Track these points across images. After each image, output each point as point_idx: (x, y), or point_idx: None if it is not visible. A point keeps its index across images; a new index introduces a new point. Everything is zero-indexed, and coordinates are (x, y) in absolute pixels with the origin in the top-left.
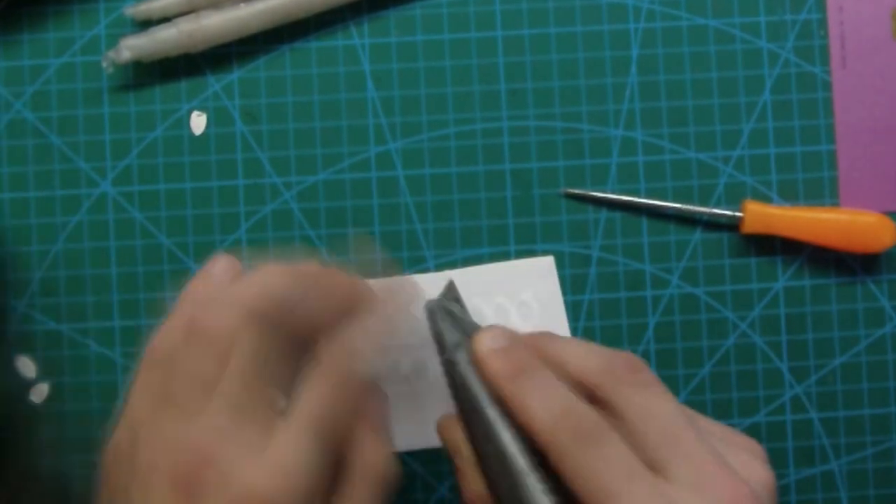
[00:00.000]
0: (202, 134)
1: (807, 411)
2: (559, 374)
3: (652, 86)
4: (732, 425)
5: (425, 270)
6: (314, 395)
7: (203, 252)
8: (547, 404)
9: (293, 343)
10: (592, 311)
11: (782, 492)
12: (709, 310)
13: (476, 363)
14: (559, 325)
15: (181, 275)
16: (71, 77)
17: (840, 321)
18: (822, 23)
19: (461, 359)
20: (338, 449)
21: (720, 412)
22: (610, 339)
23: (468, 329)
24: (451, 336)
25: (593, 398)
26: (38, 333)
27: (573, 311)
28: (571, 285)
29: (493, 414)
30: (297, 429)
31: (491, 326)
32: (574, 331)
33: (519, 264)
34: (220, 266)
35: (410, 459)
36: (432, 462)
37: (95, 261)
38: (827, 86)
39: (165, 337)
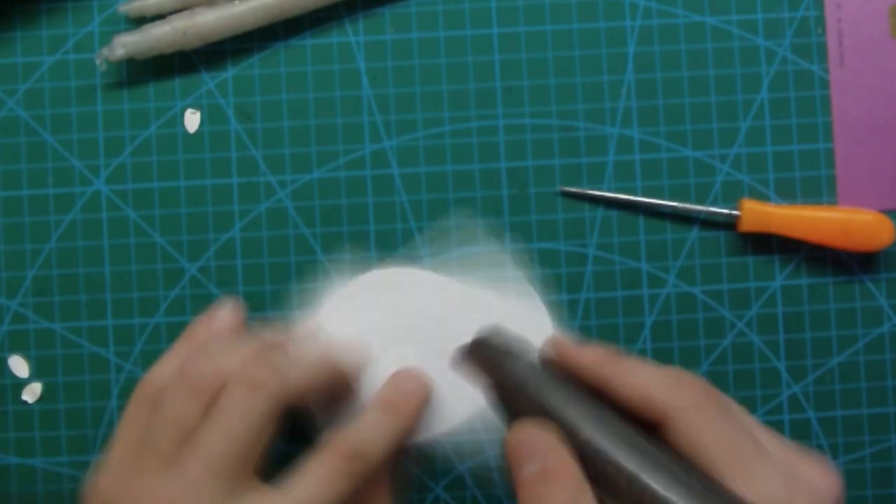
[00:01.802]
0: (196, 132)
1: (804, 411)
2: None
3: (648, 83)
4: None
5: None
6: (310, 482)
7: (197, 251)
8: (660, 373)
9: (282, 410)
10: (589, 310)
11: None
12: (706, 309)
13: (562, 356)
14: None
15: (175, 273)
16: (64, 74)
17: (838, 320)
18: (820, 20)
19: (520, 364)
20: None
21: None
22: (606, 338)
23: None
24: (517, 346)
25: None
26: (31, 332)
27: (570, 309)
28: (567, 284)
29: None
30: None
31: (558, 334)
32: (570, 330)
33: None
34: (224, 312)
35: (406, 459)
36: (427, 462)
37: (89, 259)
38: (824, 83)
39: (158, 375)
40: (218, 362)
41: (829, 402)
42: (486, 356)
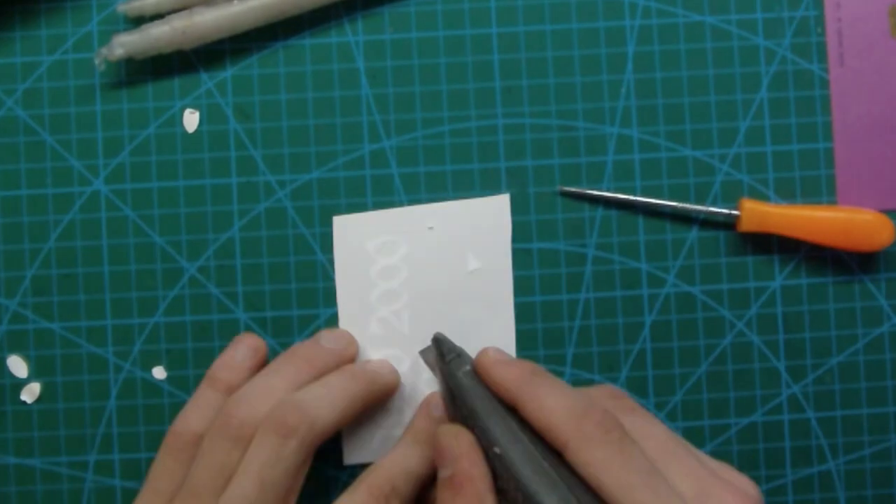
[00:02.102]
0: (195, 131)
1: (804, 411)
2: None
3: (648, 83)
4: (729, 425)
5: None
6: None
7: (196, 250)
8: (570, 401)
9: (313, 451)
10: (588, 310)
11: (779, 492)
12: (705, 308)
13: (484, 373)
14: (504, 268)
15: (174, 273)
16: (63, 74)
17: (837, 320)
18: (820, 20)
19: (460, 372)
20: None
21: (717, 412)
22: (605, 338)
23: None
24: (448, 352)
25: None
26: (30, 332)
27: (569, 309)
28: (567, 284)
29: (487, 415)
30: None
31: (491, 346)
32: (570, 330)
33: (473, 203)
34: (244, 348)
35: None
36: None
37: (88, 259)
38: (824, 83)
39: (187, 423)
40: (257, 408)
41: (829, 402)
42: (439, 356)
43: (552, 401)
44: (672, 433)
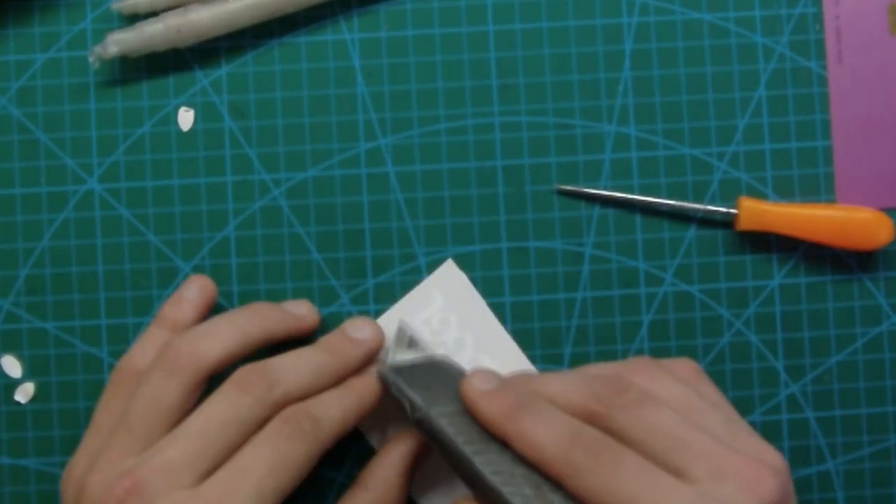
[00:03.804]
0: (190, 130)
1: (802, 410)
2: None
3: (645, 81)
4: None
5: (416, 269)
6: (260, 453)
7: (191, 249)
8: (555, 432)
9: (266, 405)
10: (585, 310)
11: None
12: (703, 308)
13: (469, 408)
14: (488, 324)
15: (169, 273)
16: (57, 72)
17: (836, 319)
18: (818, 17)
19: (432, 413)
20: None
21: None
22: (603, 337)
23: (428, 374)
24: (413, 396)
25: (591, 424)
26: (24, 332)
27: (566, 309)
28: (564, 283)
29: (473, 455)
30: (238, 481)
31: (477, 370)
32: (567, 329)
33: (427, 282)
34: (192, 287)
35: None
36: None
37: (82, 258)
38: (823, 81)
39: (133, 360)
40: (198, 344)
41: (828, 401)
42: (396, 398)
43: (538, 436)
44: (678, 417)
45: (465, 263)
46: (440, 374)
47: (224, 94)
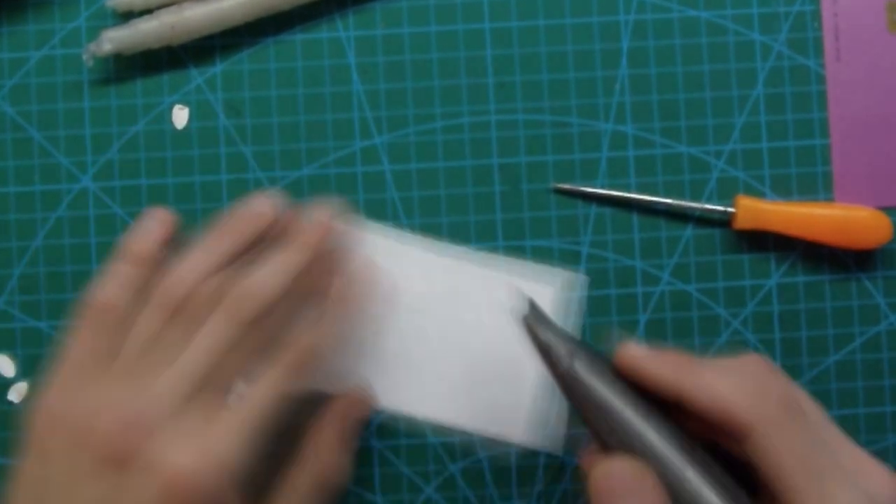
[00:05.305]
0: (184, 128)
1: None
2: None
3: (643, 79)
4: None
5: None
6: (261, 390)
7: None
8: (741, 384)
9: (263, 334)
10: (582, 309)
11: None
12: (701, 307)
13: (634, 369)
14: None
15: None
16: (51, 70)
17: (834, 318)
18: (816, 14)
19: (580, 368)
20: (288, 442)
21: None
22: (600, 336)
23: (569, 339)
24: (560, 348)
25: None
26: (18, 331)
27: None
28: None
29: (634, 417)
30: (239, 420)
31: (627, 341)
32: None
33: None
34: (151, 220)
35: (396, 459)
36: (419, 462)
37: (76, 257)
38: (821, 79)
39: (107, 295)
40: (196, 285)
41: (826, 401)
42: (544, 344)
43: (723, 387)
44: (819, 407)
45: None
46: (579, 343)
47: (219, 91)
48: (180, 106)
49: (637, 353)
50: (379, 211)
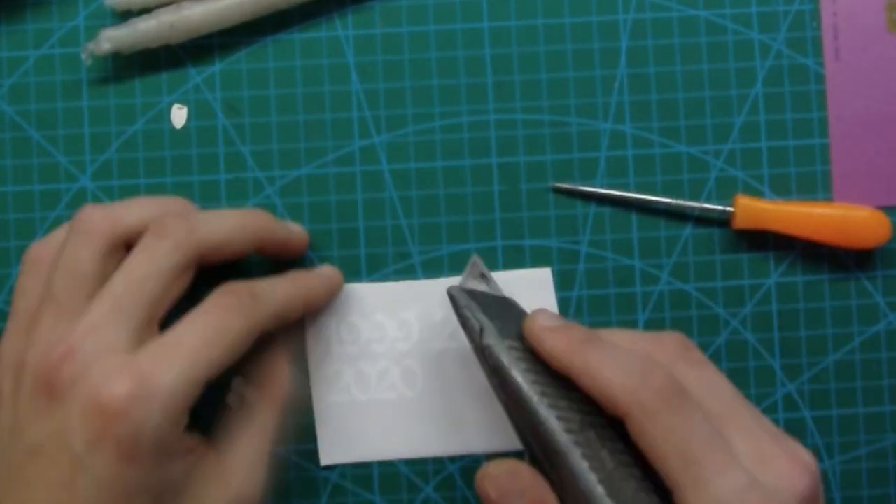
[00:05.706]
0: (183, 127)
1: (799, 410)
2: None
3: (641, 78)
4: None
5: (410, 267)
6: (202, 326)
7: None
8: (625, 368)
9: (192, 263)
10: (581, 308)
11: None
12: (699, 306)
13: (533, 342)
14: None
15: None
16: (49, 69)
17: (833, 318)
18: (815, 13)
19: (493, 342)
20: (221, 371)
21: None
22: None
23: (499, 308)
24: (473, 321)
25: None
26: None
27: (562, 308)
28: (560, 281)
29: (530, 392)
30: (173, 348)
31: (541, 309)
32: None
33: (514, 275)
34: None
35: (395, 459)
36: (418, 462)
37: None
38: (820, 78)
39: (44, 245)
40: (112, 210)
41: (825, 400)
42: (462, 318)
43: (607, 371)
44: (737, 391)
45: (460, 262)
46: (509, 311)
47: (217, 91)
48: (179, 105)
49: (540, 325)
50: (378, 210)
